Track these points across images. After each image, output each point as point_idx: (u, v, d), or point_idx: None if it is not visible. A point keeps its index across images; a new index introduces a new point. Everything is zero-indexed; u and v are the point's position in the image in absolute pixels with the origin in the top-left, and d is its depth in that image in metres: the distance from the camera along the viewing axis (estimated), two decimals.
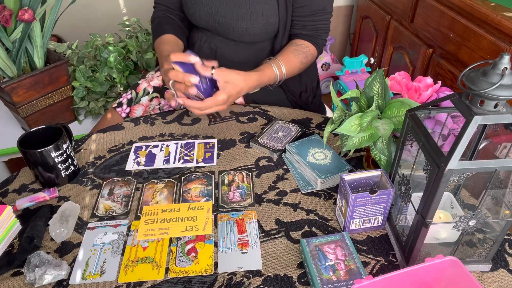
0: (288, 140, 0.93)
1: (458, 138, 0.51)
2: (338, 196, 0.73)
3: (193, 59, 0.85)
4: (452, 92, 0.68)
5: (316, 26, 1.07)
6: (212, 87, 0.91)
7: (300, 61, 1.06)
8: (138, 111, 1.15)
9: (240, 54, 1.10)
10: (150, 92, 1.17)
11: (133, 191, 0.83)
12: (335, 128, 0.75)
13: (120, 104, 1.16)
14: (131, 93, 1.17)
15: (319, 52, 1.12)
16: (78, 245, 0.72)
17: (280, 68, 1.01)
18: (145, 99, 1.16)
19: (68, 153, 0.83)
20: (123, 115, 1.14)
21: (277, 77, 1.02)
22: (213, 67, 0.88)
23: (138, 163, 0.90)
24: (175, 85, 0.89)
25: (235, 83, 0.90)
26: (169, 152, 0.93)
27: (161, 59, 1.02)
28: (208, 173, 0.87)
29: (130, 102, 1.16)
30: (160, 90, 1.18)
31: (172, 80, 0.88)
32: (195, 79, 0.85)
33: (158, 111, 1.16)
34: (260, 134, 0.95)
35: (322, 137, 0.92)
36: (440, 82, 0.76)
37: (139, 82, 1.19)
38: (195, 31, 1.15)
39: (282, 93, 1.17)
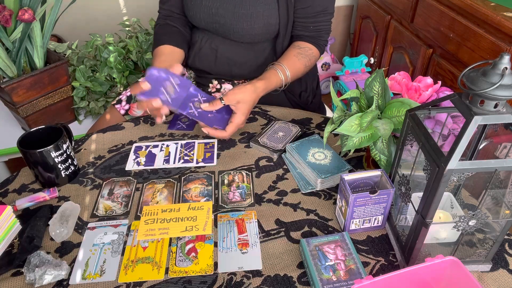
0: (288, 140, 0.93)
1: (458, 138, 0.51)
2: (338, 196, 0.73)
3: (145, 86, 0.83)
4: (452, 92, 0.68)
5: (318, 27, 1.07)
6: (227, 111, 0.93)
7: (304, 64, 1.06)
8: (138, 112, 1.15)
9: (241, 54, 1.10)
10: None
11: (133, 191, 0.83)
12: (335, 128, 0.75)
13: (119, 101, 1.16)
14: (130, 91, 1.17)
15: (320, 53, 1.12)
16: (78, 245, 0.72)
17: (285, 72, 1.02)
18: None
19: (68, 153, 0.83)
20: (122, 111, 1.14)
21: (283, 83, 1.03)
22: (221, 98, 0.89)
23: (138, 163, 0.90)
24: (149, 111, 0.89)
25: (246, 100, 0.92)
26: (169, 152, 0.93)
27: None
28: (208, 173, 0.87)
29: (129, 100, 1.16)
30: None
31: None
32: (157, 102, 0.83)
33: None
34: (260, 134, 0.95)
35: (322, 137, 0.92)
36: (440, 82, 0.76)
37: (139, 80, 1.20)
38: (196, 32, 1.15)
39: (282, 93, 1.17)
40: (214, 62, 1.13)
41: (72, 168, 0.85)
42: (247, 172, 0.87)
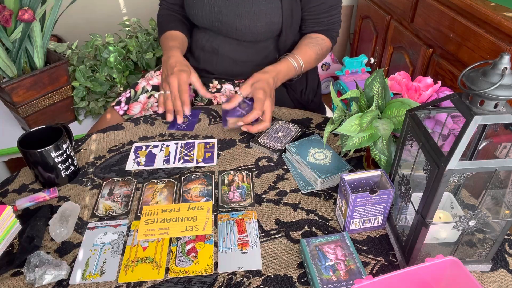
0: (288, 140, 0.93)
1: (458, 138, 0.51)
2: (338, 196, 0.73)
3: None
4: (452, 92, 0.68)
5: (332, 21, 1.10)
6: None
7: (315, 52, 1.08)
8: (136, 108, 1.15)
9: (242, 53, 1.10)
10: (149, 90, 1.17)
11: (133, 191, 0.83)
12: (335, 128, 0.75)
13: (118, 103, 1.16)
14: (130, 92, 1.17)
15: (333, 44, 1.14)
16: (78, 245, 0.72)
17: (298, 60, 1.04)
18: (143, 97, 1.16)
19: (68, 153, 0.83)
20: (121, 112, 1.15)
21: (296, 69, 1.04)
22: (235, 92, 0.91)
23: (138, 163, 0.90)
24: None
25: (259, 79, 0.94)
26: (169, 152, 0.93)
27: (167, 53, 1.03)
28: (208, 173, 0.87)
29: (128, 101, 1.16)
30: (159, 88, 1.18)
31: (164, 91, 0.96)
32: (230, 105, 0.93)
33: (156, 109, 1.17)
34: (260, 134, 0.95)
35: (322, 137, 0.92)
36: (440, 82, 0.76)
37: (138, 81, 1.20)
38: (197, 31, 1.15)
39: (283, 90, 1.17)
40: (215, 61, 1.13)
41: (72, 168, 0.85)
42: (247, 172, 0.87)
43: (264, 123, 0.92)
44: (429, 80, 0.76)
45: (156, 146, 0.95)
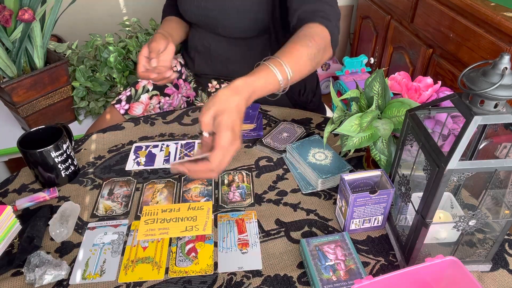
0: (292, 141, 0.93)
1: (458, 138, 0.51)
2: (338, 196, 0.73)
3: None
4: (452, 92, 0.68)
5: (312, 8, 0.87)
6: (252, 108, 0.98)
7: (305, 45, 0.79)
8: (138, 109, 1.15)
9: (233, 51, 1.10)
10: (150, 90, 1.17)
11: (133, 191, 0.83)
12: (335, 128, 0.75)
13: (119, 101, 1.16)
14: (130, 91, 1.17)
15: (329, 28, 0.85)
16: (78, 245, 0.72)
17: (285, 71, 0.74)
18: (144, 97, 1.16)
19: (68, 153, 0.83)
20: (122, 111, 1.14)
21: (280, 84, 0.74)
22: (200, 133, 0.88)
23: (138, 163, 0.90)
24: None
25: (223, 109, 0.64)
26: (169, 152, 0.93)
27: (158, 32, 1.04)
28: None
29: (129, 99, 1.16)
30: (160, 88, 1.18)
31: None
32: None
33: (159, 110, 1.17)
34: (265, 134, 0.95)
35: (322, 137, 0.92)
36: (440, 82, 0.76)
37: (139, 80, 1.20)
38: (191, 30, 1.16)
39: None
40: (209, 61, 1.13)
41: (72, 168, 0.85)
42: (247, 172, 0.87)
43: (207, 165, 0.64)
44: (429, 80, 0.76)
45: (156, 146, 0.95)
